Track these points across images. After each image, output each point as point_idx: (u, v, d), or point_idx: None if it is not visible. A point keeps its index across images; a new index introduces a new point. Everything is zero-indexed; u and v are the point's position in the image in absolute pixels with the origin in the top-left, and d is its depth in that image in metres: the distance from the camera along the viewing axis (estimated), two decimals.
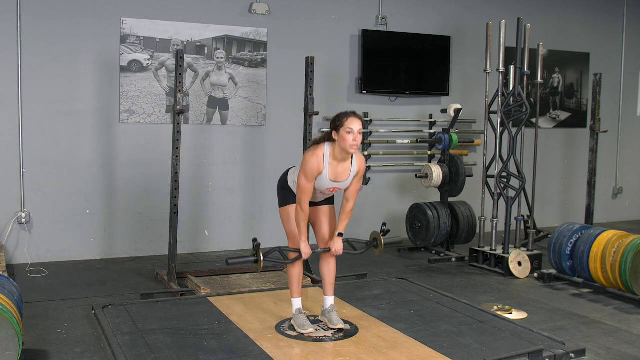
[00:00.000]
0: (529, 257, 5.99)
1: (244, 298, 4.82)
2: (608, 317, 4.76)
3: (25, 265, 5.97)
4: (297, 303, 4.17)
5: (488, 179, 6.36)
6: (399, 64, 7.46)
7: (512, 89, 6.14)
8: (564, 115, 8.65)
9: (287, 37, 6.96)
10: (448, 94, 7.72)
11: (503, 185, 6.18)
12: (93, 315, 4.45)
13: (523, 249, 6.19)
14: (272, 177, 4.79)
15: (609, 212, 9.05)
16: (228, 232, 6.89)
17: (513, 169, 6.47)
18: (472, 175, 7.04)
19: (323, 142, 3.96)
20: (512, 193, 6.33)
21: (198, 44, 6.61)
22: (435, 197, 7.07)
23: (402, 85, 7.50)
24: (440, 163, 6.81)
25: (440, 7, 7.75)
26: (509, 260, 5.91)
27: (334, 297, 4.25)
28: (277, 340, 3.97)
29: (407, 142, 7.52)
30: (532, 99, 6.99)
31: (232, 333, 4.08)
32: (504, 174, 6.21)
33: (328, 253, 4.15)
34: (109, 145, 6.36)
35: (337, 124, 3.85)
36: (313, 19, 7.11)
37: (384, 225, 4.29)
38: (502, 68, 6.23)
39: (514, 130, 6.13)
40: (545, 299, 5.20)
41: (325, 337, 4.03)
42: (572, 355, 3.83)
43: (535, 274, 5.88)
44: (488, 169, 6.36)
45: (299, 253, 4.04)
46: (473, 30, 7.82)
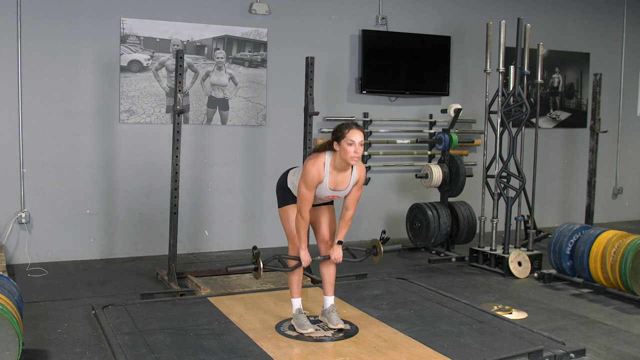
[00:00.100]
0: (529, 257, 5.99)
1: (244, 298, 4.82)
2: (608, 317, 4.76)
3: (25, 265, 5.97)
4: (297, 303, 4.17)
5: (488, 179, 6.36)
6: (399, 64, 7.46)
7: (512, 89, 6.13)
8: (564, 115, 8.65)
9: (287, 37, 6.96)
10: (448, 94, 7.72)
11: (503, 185, 6.18)
12: (93, 315, 4.46)
13: (523, 249, 6.18)
14: (272, 177, 4.79)
15: (609, 212, 9.05)
16: (228, 232, 6.89)
17: (513, 169, 6.47)
18: (472, 175, 7.04)
19: (324, 151, 3.95)
20: (512, 193, 6.33)
21: (198, 44, 6.61)
22: (435, 197, 7.07)
23: (402, 85, 7.50)
24: (440, 163, 6.81)
25: (440, 7, 7.75)
26: (509, 260, 5.91)
27: (334, 297, 4.26)
28: (277, 340, 3.97)
29: (407, 142, 7.53)
30: (532, 99, 6.99)
31: (232, 333, 4.08)
32: (504, 174, 6.21)
33: (328, 260, 4.17)
34: (109, 145, 6.36)
35: (338, 135, 3.83)
36: (313, 19, 7.11)
37: (384, 233, 4.29)
38: (502, 68, 6.23)
39: (514, 130, 6.13)
40: (545, 299, 5.20)
41: (325, 337, 4.03)
42: (572, 355, 3.83)
43: (535, 274, 5.88)
44: (488, 169, 6.36)
45: (299, 261, 4.05)
46: (473, 30, 7.82)
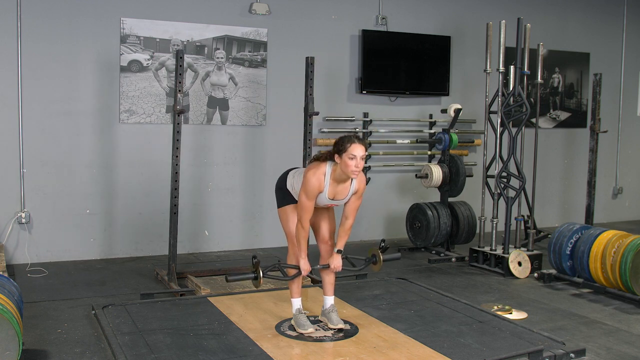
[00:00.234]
0: (529, 257, 5.99)
1: (244, 298, 4.82)
2: (608, 317, 4.76)
3: (25, 265, 5.97)
4: (297, 303, 4.17)
5: (488, 179, 6.36)
6: (399, 64, 7.46)
7: (512, 89, 6.13)
8: (564, 115, 8.65)
9: (287, 37, 6.96)
10: (448, 94, 7.72)
11: (503, 185, 6.18)
12: (93, 315, 4.46)
13: (523, 249, 6.18)
14: (272, 177, 4.79)
15: (609, 212, 9.05)
16: (228, 232, 6.89)
17: (513, 169, 6.47)
18: (472, 175, 7.03)
19: (325, 160, 3.94)
20: (512, 193, 6.33)
21: (198, 44, 6.61)
22: (435, 197, 7.06)
23: (402, 85, 7.50)
24: (440, 163, 6.81)
25: (440, 7, 7.75)
26: (509, 260, 5.91)
27: (334, 297, 4.26)
28: (277, 340, 3.97)
29: (407, 142, 7.53)
30: (532, 99, 6.99)
31: (232, 333, 4.08)
32: (504, 174, 6.21)
33: (327, 269, 4.17)
34: (109, 145, 6.36)
35: (340, 148, 3.81)
36: (313, 19, 7.10)
37: (383, 242, 4.29)
38: (502, 68, 6.23)
39: (514, 130, 6.13)
40: (545, 299, 5.20)
41: (325, 337, 4.03)
42: (572, 355, 3.83)
43: (535, 274, 5.88)
44: (488, 169, 6.36)
45: (298, 270, 4.06)
46: (473, 30, 7.82)
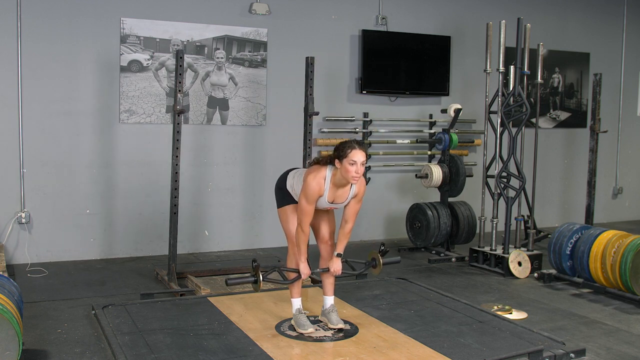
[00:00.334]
0: (529, 257, 5.99)
1: (244, 298, 4.82)
2: (608, 317, 4.76)
3: (25, 265, 5.97)
4: (297, 303, 4.17)
5: (488, 179, 6.36)
6: (399, 64, 7.46)
7: (512, 89, 6.13)
8: (564, 115, 8.65)
9: (287, 37, 6.96)
10: (448, 94, 7.72)
11: (503, 185, 6.18)
12: (93, 315, 4.46)
13: (523, 249, 6.18)
14: (272, 177, 4.79)
15: (609, 212, 9.05)
16: (228, 232, 6.89)
17: (513, 169, 6.47)
18: (472, 175, 7.04)
19: (325, 164, 3.94)
20: (512, 193, 6.33)
21: (198, 44, 6.61)
22: (435, 197, 7.06)
23: (402, 85, 7.50)
24: (440, 163, 6.81)
25: (440, 7, 7.75)
26: (509, 260, 5.91)
27: (334, 297, 4.26)
28: (277, 340, 3.97)
29: (407, 142, 7.53)
30: (532, 99, 6.99)
31: (232, 333, 4.08)
32: (504, 174, 6.21)
33: (327, 273, 4.17)
34: (109, 145, 6.36)
35: (340, 154, 3.81)
36: (313, 19, 7.10)
37: (383, 246, 4.29)
38: (502, 68, 6.23)
39: (514, 130, 6.13)
40: (545, 299, 5.20)
41: (325, 337, 4.03)
42: (572, 355, 3.83)
43: (535, 274, 5.88)
44: (488, 169, 6.36)
45: (298, 273, 4.06)
46: (473, 30, 7.82)
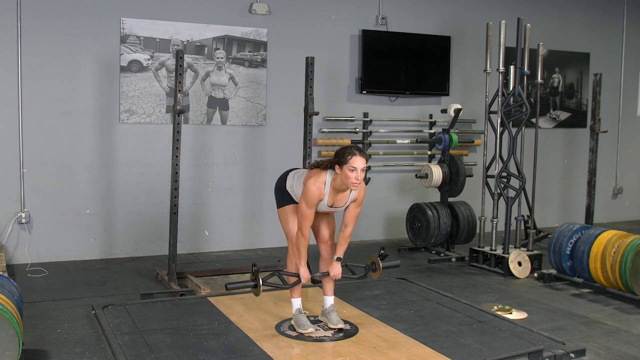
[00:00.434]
0: (529, 257, 5.99)
1: (244, 298, 4.82)
2: (608, 317, 4.76)
3: (25, 265, 5.97)
4: (297, 303, 4.17)
5: (488, 179, 6.36)
6: (399, 64, 7.46)
7: (512, 89, 6.13)
8: (564, 115, 8.65)
9: (287, 37, 6.96)
10: (448, 94, 7.72)
11: (503, 185, 6.18)
12: (93, 315, 4.45)
13: (523, 249, 6.18)
14: (272, 177, 4.79)
15: (609, 212, 9.05)
16: (228, 232, 6.89)
17: (513, 169, 6.47)
18: (472, 175, 7.04)
19: (325, 169, 3.94)
20: (512, 193, 6.33)
21: (198, 44, 6.61)
22: (435, 197, 7.06)
23: (402, 85, 7.50)
24: (440, 163, 6.81)
25: (440, 7, 7.75)
26: (509, 260, 5.91)
27: (334, 297, 4.26)
28: (277, 340, 3.97)
29: (407, 142, 7.53)
30: (532, 99, 6.99)
31: (232, 333, 4.08)
32: (504, 174, 6.21)
33: (327, 277, 4.17)
34: (109, 145, 6.36)
35: (340, 160, 3.81)
36: (313, 19, 7.10)
37: (382, 249, 4.29)
38: (502, 68, 6.23)
39: (514, 130, 6.13)
40: (545, 299, 5.20)
41: (325, 337, 4.03)
42: (572, 355, 3.83)
43: (535, 274, 5.88)
44: (488, 169, 6.36)
45: (298, 277, 4.06)
46: (473, 30, 7.82)
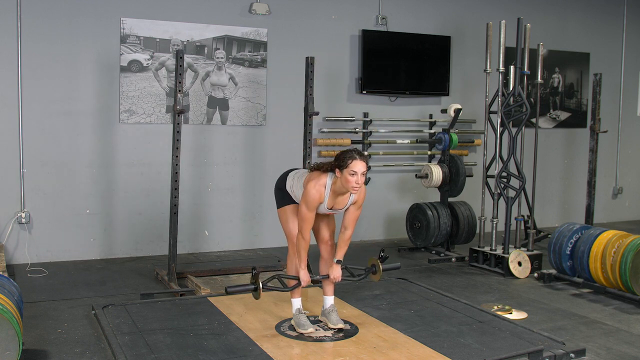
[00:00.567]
0: (529, 257, 5.99)
1: (244, 298, 4.82)
2: (608, 317, 4.76)
3: (25, 265, 5.97)
4: (297, 303, 4.17)
5: (488, 179, 6.36)
6: (399, 64, 7.46)
7: (512, 89, 6.13)
8: (564, 115, 8.65)
9: (287, 37, 6.96)
10: (448, 94, 7.72)
11: (503, 185, 6.18)
12: (93, 315, 4.46)
13: (523, 249, 6.18)
14: (272, 177, 4.79)
15: (609, 212, 9.05)
16: (228, 232, 6.89)
17: (513, 169, 6.47)
18: (472, 175, 7.04)
19: (326, 172, 3.94)
20: (512, 193, 6.33)
21: (198, 44, 6.61)
22: (435, 197, 7.06)
23: (402, 85, 7.50)
24: (440, 163, 6.81)
25: (440, 7, 7.75)
26: (509, 260, 5.91)
27: (334, 297, 4.26)
28: (277, 340, 3.97)
29: (407, 142, 7.53)
30: (532, 99, 6.99)
31: (232, 333, 4.09)
32: (504, 174, 6.21)
33: (327, 280, 4.17)
34: (109, 145, 6.36)
35: (341, 164, 3.81)
36: (313, 19, 7.10)
37: (382, 252, 4.29)
38: (502, 68, 6.23)
39: (514, 130, 6.13)
40: (545, 299, 5.20)
41: (325, 337, 4.04)
42: (572, 355, 3.83)
43: (535, 274, 5.88)
44: (488, 169, 6.36)
45: (298, 280, 4.06)
46: (473, 30, 7.82)
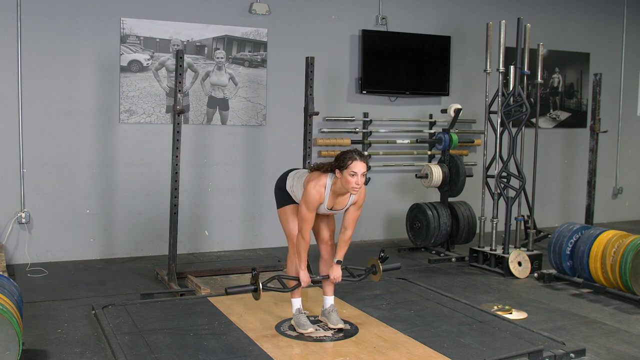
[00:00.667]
0: (529, 257, 5.99)
1: (244, 298, 4.81)
2: (608, 317, 4.76)
3: (25, 265, 5.97)
4: (297, 303, 4.17)
5: (488, 179, 6.36)
6: (399, 64, 7.46)
7: (512, 89, 6.13)
8: (564, 115, 8.65)
9: (287, 37, 6.96)
10: (448, 94, 7.72)
11: (503, 185, 6.18)
12: (93, 315, 4.46)
13: (523, 249, 6.18)
14: (272, 177, 4.79)
15: (609, 212, 9.05)
16: (228, 232, 6.89)
17: (513, 169, 6.47)
18: (472, 175, 7.04)
19: (326, 172, 3.94)
20: (512, 193, 6.33)
21: (198, 44, 6.61)
22: (435, 197, 7.06)
23: (402, 85, 7.50)
24: (440, 163, 6.81)
25: (440, 7, 7.75)
26: (509, 260, 5.91)
27: (334, 297, 4.26)
28: (277, 340, 3.97)
29: (407, 142, 7.53)
30: (532, 99, 6.99)
31: (232, 333, 4.09)
32: (504, 174, 6.21)
33: (327, 280, 4.17)
34: (109, 145, 6.36)
35: (341, 165, 3.81)
36: (313, 19, 7.10)
37: (382, 252, 4.29)
38: (502, 68, 6.23)
39: (514, 130, 6.13)
40: (545, 299, 5.20)
41: (325, 337, 4.04)
42: (572, 355, 3.83)
43: (535, 274, 5.88)
44: (488, 169, 6.36)
45: (298, 281, 4.06)
46: (473, 30, 7.82)
